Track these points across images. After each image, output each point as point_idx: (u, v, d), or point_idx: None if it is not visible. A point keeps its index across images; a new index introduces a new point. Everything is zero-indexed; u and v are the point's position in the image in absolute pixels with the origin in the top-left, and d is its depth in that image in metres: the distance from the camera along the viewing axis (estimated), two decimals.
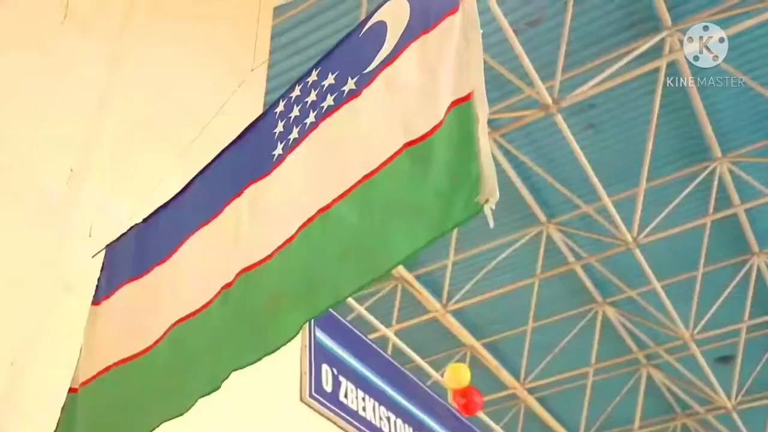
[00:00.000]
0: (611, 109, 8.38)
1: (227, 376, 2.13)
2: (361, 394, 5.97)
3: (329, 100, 2.20)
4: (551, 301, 10.68)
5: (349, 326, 6.48)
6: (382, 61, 2.10)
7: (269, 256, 2.13)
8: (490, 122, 8.54)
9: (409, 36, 2.08)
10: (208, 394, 2.17)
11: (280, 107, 2.39)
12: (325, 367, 5.56)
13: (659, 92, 7.87)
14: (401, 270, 10.11)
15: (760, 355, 11.16)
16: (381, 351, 6.89)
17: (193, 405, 2.18)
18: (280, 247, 2.10)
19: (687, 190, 8.86)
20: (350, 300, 8.70)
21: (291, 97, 2.38)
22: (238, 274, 2.21)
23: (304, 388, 5.14)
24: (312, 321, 5.48)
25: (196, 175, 2.66)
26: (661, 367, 11.59)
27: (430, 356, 10.59)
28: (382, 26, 2.17)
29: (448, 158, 1.86)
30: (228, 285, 2.23)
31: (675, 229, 9.22)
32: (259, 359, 2.08)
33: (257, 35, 4.63)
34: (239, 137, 2.56)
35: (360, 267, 1.94)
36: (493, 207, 1.77)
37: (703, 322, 10.21)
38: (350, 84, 2.16)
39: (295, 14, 7.31)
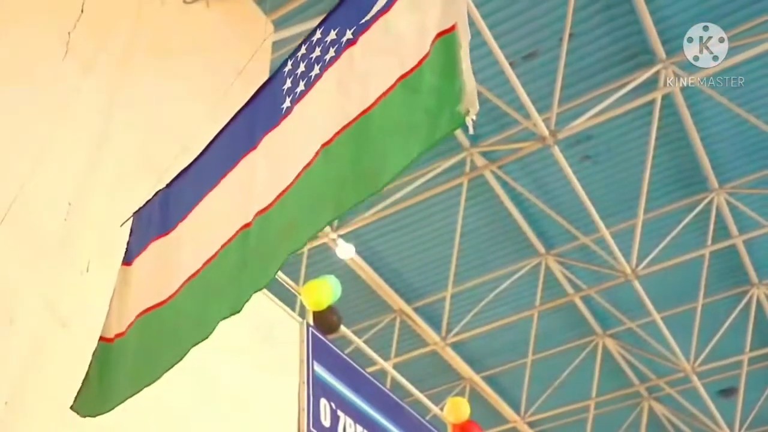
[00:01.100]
0: (608, 141, 8.44)
1: (248, 299, 2.54)
2: (359, 428, 5.88)
3: (331, 53, 2.43)
4: (551, 333, 10.61)
5: (348, 360, 6.41)
6: (379, 10, 2.33)
7: (281, 194, 2.44)
8: (487, 154, 8.64)
9: None
10: (229, 317, 2.58)
11: (288, 66, 2.61)
12: (323, 401, 5.48)
13: (655, 124, 7.93)
14: (400, 302, 10.07)
15: (763, 387, 11.06)
16: (380, 384, 6.81)
17: (215, 328, 2.59)
18: (289, 186, 2.41)
19: (685, 221, 8.88)
20: (348, 333, 8.65)
21: (298, 55, 2.59)
22: (256, 215, 2.51)
23: (302, 423, 5.07)
24: (310, 355, 5.44)
25: (215, 137, 2.87)
26: (662, 400, 11.47)
27: (429, 389, 10.48)
28: None
29: (435, 82, 2.11)
30: (247, 225, 2.53)
31: (674, 260, 9.21)
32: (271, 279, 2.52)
33: (256, 70, 4.67)
34: (253, 97, 2.76)
35: (359, 187, 2.23)
36: (474, 118, 2.02)
37: (704, 354, 10.14)
38: (348, 35, 2.40)
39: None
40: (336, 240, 8.97)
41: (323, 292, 4.54)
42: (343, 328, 6.45)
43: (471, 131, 2.05)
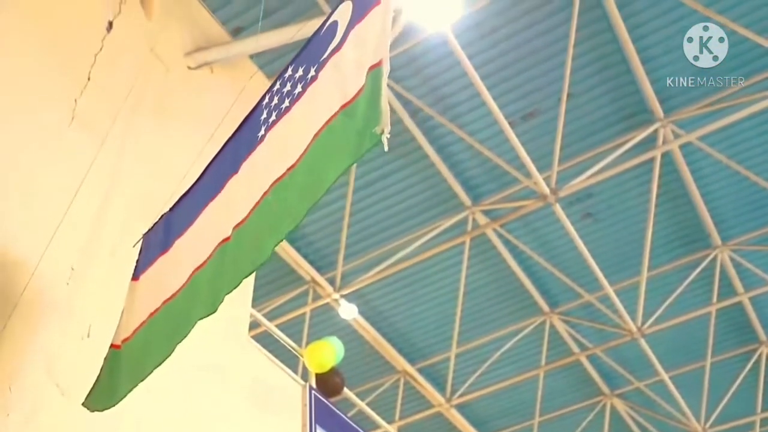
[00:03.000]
0: (609, 199, 8.47)
1: (222, 301, 2.98)
2: None
3: (298, 88, 2.89)
4: (557, 394, 10.42)
5: (351, 423, 6.28)
6: (332, 49, 2.80)
7: (253, 208, 2.90)
8: (489, 213, 8.67)
9: (350, 27, 2.80)
10: (206, 317, 3.02)
11: (266, 99, 3.04)
12: None
13: (655, 182, 7.98)
14: (403, 363, 9.93)
15: None
16: None
17: (193, 328, 3.05)
18: (259, 200, 2.88)
19: (689, 278, 8.83)
20: (351, 395, 8.50)
21: (273, 90, 3.03)
22: (233, 228, 2.95)
23: None
24: (313, 419, 5.33)
25: (208, 165, 3.31)
26: None
27: None
28: (335, 24, 2.90)
29: (365, 108, 2.58)
30: (226, 239, 2.98)
31: (679, 317, 9.12)
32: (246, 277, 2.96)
33: None
34: (237, 129, 3.20)
35: (307, 198, 2.75)
36: (388, 136, 2.47)
37: (715, 415, 9.93)
38: (311, 72, 2.85)
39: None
40: (338, 300, 8.91)
41: (326, 354, 4.46)
42: (346, 390, 6.33)
43: (386, 148, 2.49)
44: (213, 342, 4.76)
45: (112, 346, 3.24)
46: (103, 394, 3.20)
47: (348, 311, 9.04)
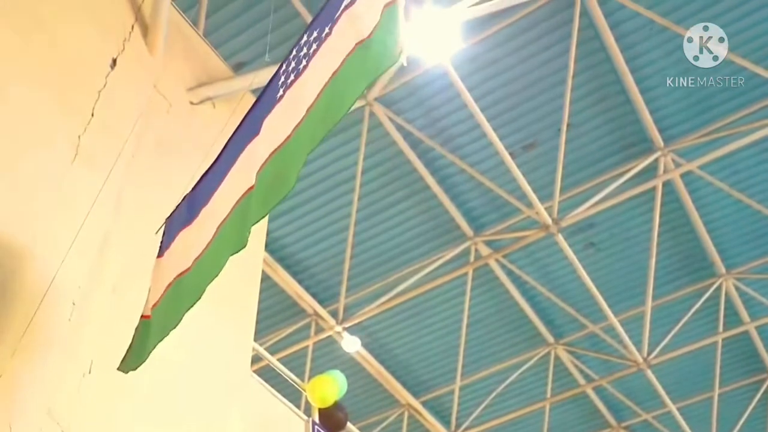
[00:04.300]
0: (611, 228, 8.46)
1: (249, 233, 3.11)
2: None
3: (314, 47, 3.05)
4: (564, 426, 10.27)
5: None
6: (345, 6, 2.96)
7: (275, 150, 3.04)
8: (491, 243, 8.66)
9: None
10: (238, 252, 3.15)
11: (283, 68, 3.18)
12: None
13: (657, 211, 7.98)
14: (407, 396, 9.82)
15: None
16: None
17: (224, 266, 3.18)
18: (283, 143, 3.03)
19: (694, 308, 8.77)
20: (355, 430, 8.38)
21: (289, 58, 3.18)
22: (257, 173, 3.06)
23: None
24: None
25: (227, 141, 3.36)
26: None
27: None
28: None
29: (383, 38, 2.82)
30: (251, 188, 3.09)
31: (686, 347, 9.04)
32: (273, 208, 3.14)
33: None
34: (256, 101, 3.29)
35: (327, 124, 2.93)
36: (407, 56, 2.75)
37: None
38: (326, 30, 3.01)
39: None
40: (341, 333, 8.85)
41: (329, 388, 4.41)
42: (349, 425, 6.25)
43: (404, 64, 2.78)
44: (215, 376, 4.72)
45: (142, 317, 3.36)
46: (135, 358, 3.36)
47: (351, 344, 8.97)
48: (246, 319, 5.19)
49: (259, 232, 5.25)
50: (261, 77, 4.93)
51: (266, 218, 5.65)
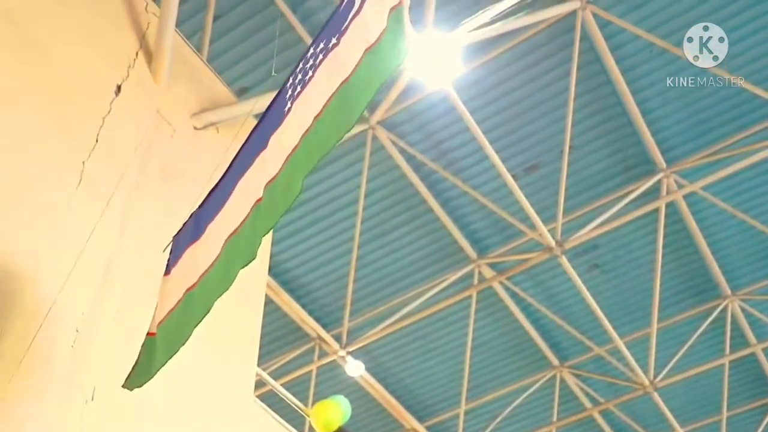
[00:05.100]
0: (614, 250, 8.44)
1: (260, 245, 3.13)
2: None
3: (320, 57, 3.07)
4: None
5: None
6: (352, 16, 3.00)
7: (285, 161, 3.05)
8: (495, 266, 8.64)
9: None
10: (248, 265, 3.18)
11: (290, 81, 3.21)
12: None
13: (661, 232, 7.96)
14: (412, 421, 9.72)
15: None
16: None
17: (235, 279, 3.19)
18: (291, 152, 3.04)
19: (700, 329, 8.71)
20: None
21: (296, 71, 3.20)
22: (265, 187, 3.09)
23: None
24: None
25: (236, 155, 3.39)
26: None
27: None
28: None
29: (392, 42, 2.86)
30: (259, 200, 3.13)
31: (692, 370, 8.96)
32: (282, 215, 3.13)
33: None
34: (263, 115, 3.32)
35: (338, 132, 2.96)
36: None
37: None
38: (333, 41, 3.04)
39: None
40: (345, 357, 8.80)
41: (333, 413, 4.36)
42: None
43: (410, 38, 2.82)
44: (218, 402, 4.68)
45: (147, 334, 3.35)
46: (140, 375, 3.36)
47: (355, 368, 8.91)
48: (249, 344, 5.17)
49: (262, 256, 5.24)
50: (264, 102, 4.96)
51: (269, 242, 5.65)
